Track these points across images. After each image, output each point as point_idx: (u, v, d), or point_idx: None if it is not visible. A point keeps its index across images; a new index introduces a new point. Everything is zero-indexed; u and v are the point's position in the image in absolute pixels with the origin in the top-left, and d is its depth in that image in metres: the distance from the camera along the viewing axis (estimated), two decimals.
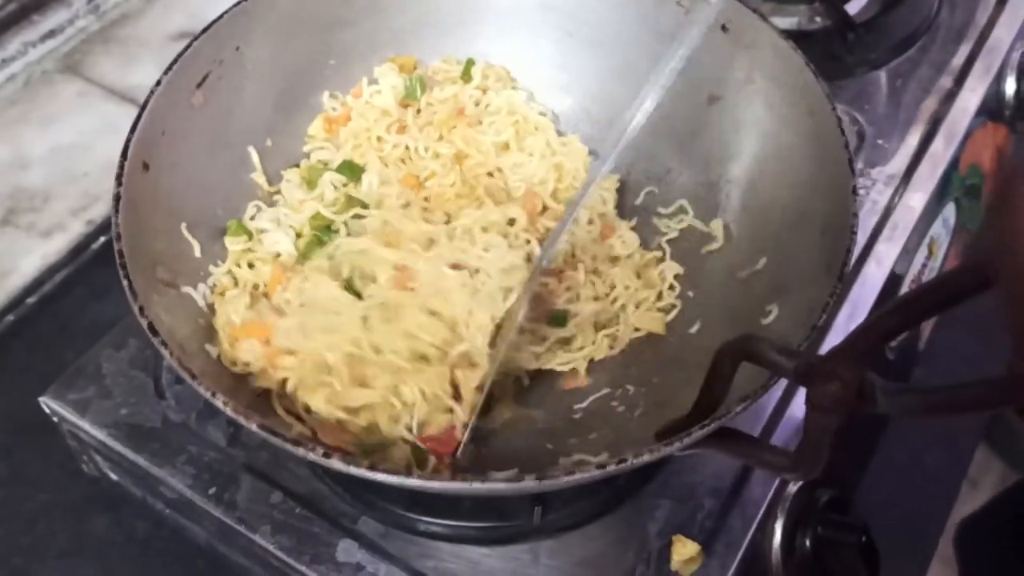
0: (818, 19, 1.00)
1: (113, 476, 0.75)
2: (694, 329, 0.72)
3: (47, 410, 0.73)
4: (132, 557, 0.74)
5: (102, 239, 0.92)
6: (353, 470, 0.51)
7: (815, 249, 0.64)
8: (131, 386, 0.73)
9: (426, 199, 0.76)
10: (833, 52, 0.97)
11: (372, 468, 0.51)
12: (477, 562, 0.66)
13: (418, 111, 0.81)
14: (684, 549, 0.65)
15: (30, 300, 0.88)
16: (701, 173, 0.77)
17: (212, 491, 0.68)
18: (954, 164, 0.92)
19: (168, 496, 0.70)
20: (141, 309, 0.58)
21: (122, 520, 0.76)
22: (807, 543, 0.69)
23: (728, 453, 0.53)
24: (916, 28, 1.02)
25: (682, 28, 0.67)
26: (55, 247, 0.90)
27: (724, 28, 0.71)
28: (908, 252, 0.85)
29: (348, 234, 0.73)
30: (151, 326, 0.57)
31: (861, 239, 0.83)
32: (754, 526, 0.67)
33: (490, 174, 0.78)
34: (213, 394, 0.55)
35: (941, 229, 0.93)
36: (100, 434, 0.71)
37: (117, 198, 0.63)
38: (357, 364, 0.65)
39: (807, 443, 0.44)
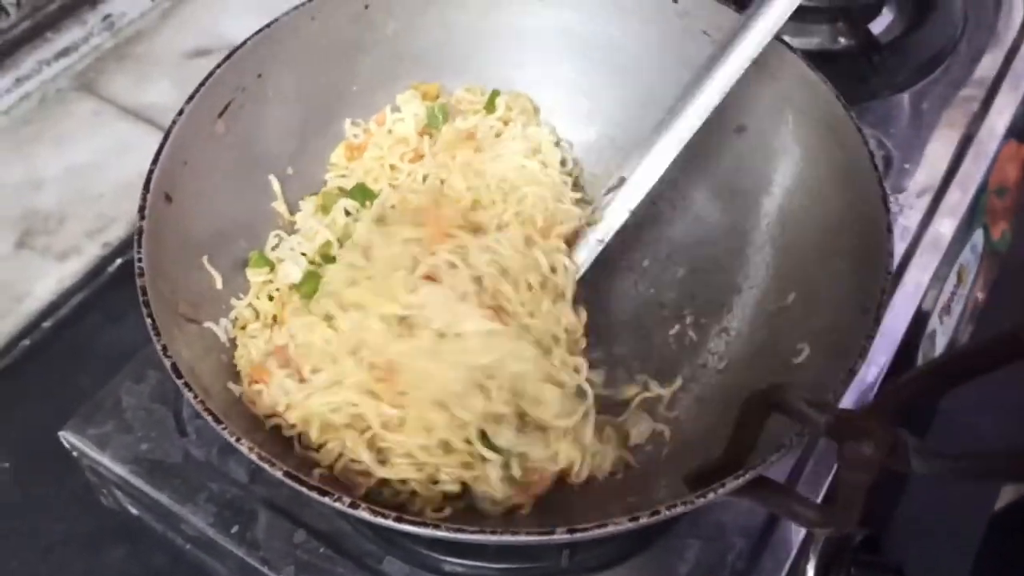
0: (841, 39, 0.99)
1: (133, 510, 0.74)
2: (721, 365, 0.71)
3: (67, 445, 0.72)
4: None
5: (118, 261, 0.91)
6: (381, 521, 0.51)
7: (847, 287, 0.62)
8: (151, 420, 0.72)
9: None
10: (858, 74, 0.96)
11: (400, 520, 0.51)
12: None
13: (435, 140, 0.80)
14: None
15: (45, 324, 0.87)
16: (728, 204, 0.76)
17: (234, 529, 0.67)
18: (983, 188, 0.91)
19: (189, 533, 0.69)
20: (164, 348, 0.57)
21: (139, 553, 0.75)
22: None
23: (758, 502, 0.52)
24: (941, 48, 1.00)
25: (714, 65, 0.66)
26: (71, 270, 0.89)
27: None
28: (938, 280, 0.84)
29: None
30: (175, 367, 0.56)
31: None
32: (786, 568, 0.66)
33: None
34: (238, 439, 0.54)
35: (970, 255, 0.92)
36: (121, 470, 0.69)
37: (140, 232, 0.62)
38: (362, 430, 0.62)
39: (839, 499, 0.43)
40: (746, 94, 0.72)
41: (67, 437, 0.71)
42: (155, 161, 0.65)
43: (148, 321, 0.58)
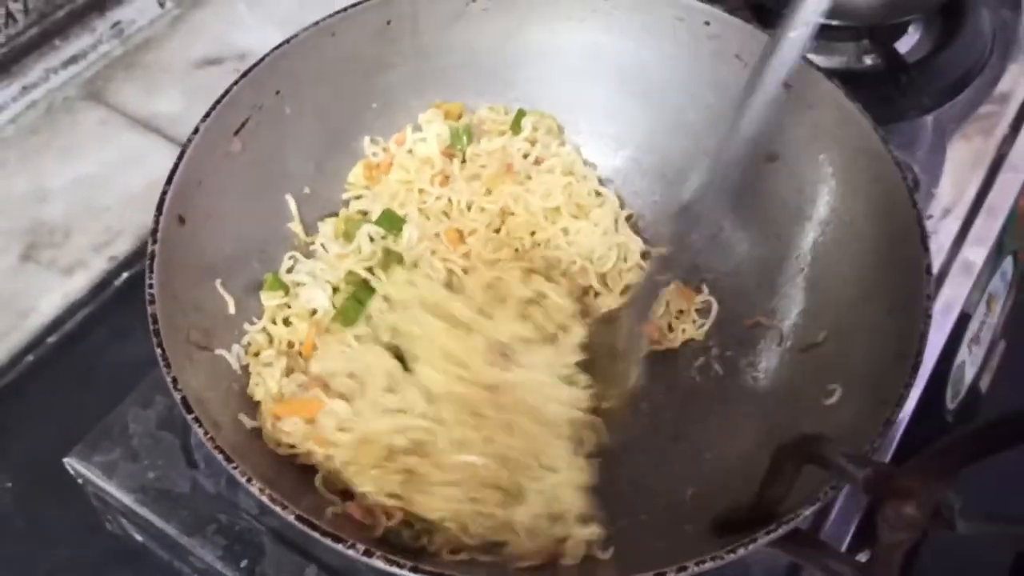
0: (867, 59, 0.97)
1: (138, 538, 0.72)
2: (748, 402, 0.69)
3: (72, 471, 0.70)
4: None
5: (125, 275, 0.89)
6: (396, 570, 0.50)
7: (882, 329, 0.60)
8: (159, 448, 0.70)
9: (465, 255, 0.73)
10: (884, 94, 0.93)
11: (416, 570, 0.49)
12: None
13: (463, 161, 0.78)
14: None
15: (50, 340, 0.85)
16: (758, 234, 0.74)
17: (244, 564, 0.65)
18: (1013, 213, 0.88)
19: (197, 566, 0.67)
20: (175, 381, 0.56)
21: None
22: None
23: (790, 555, 0.50)
24: (969, 69, 0.98)
25: (749, 94, 0.64)
26: (76, 285, 0.87)
27: (786, 85, 0.68)
28: (968, 309, 0.82)
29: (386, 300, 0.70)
30: (184, 401, 0.55)
31: None
32: None
33: (533, 233, 0.75)
34: (249, 479, 0.53)
35: (1000, 284, 0.90)
36: (127, 499, 0.68)
37: (152, 256, 0.60)
38: (422, 454, 0.61)
39: (879, 559, 0.41)
40: (779, 122, 0.70)
41: (72, 464, 0.69)
42: (169, 181, 0.64)
43: (159, 351, 0.57)
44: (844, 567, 0.47)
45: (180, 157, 0.65)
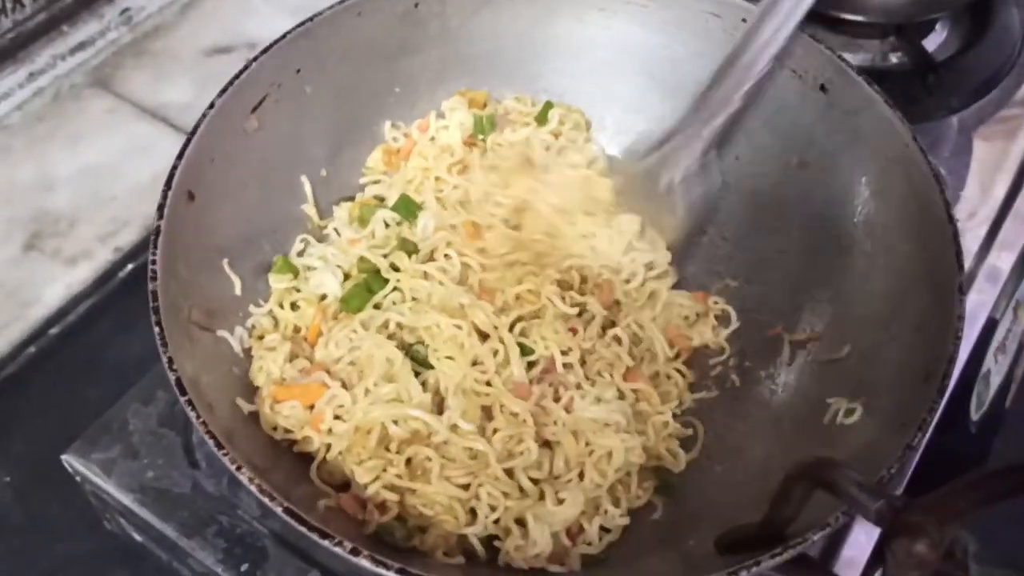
0: (892, 56, 0.94)
1: (137, 537, 0.70)
2: (764, 415, 0.66)
3: (69, 469, 0.68)
4: None
5: (130, 267, 0.88)
6: (383, 571, 0.49)
7: (908, 347, 0.58)
8: (159, 446, 0.68)
9: (481, 251, 0.71)
10: (910, 94, 0.91)
11: (403, 572, 0.48)
12: None
13: (483, 152, 0.76)
14: None
15: (53, 331, 0.84)
16: (784, 241, 0.71)
17: (244, 568, 0.63)
18: None
19: (196, 568, 0.65)
20: (171, 361, 0.54)
21: None
22: None
23: None
24: (998, 69, 0.95)
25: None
26: (80, 275, 0.86)
27: (823, 88, 0.65)
28: (995, 316, 0.79)
29: (397, 290, 0.68)
30: (179, 381, 0.54)
31: None
32: None
33: (552, 236, 0.72)
34: (239, 467, 0.52)
35: None
36: (125, 499, 0.66)
37: (157, 232, 0.59)
38: (420, 444, 0.60)
39: None
40: (813, 127, 0.68)
41: (70, 461, 0.68)
42: (180, 156, 0.62)
43: (156, 329, 0.55)
44: None
45: (193, 132, 0.63)
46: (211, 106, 0.64)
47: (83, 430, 0.70)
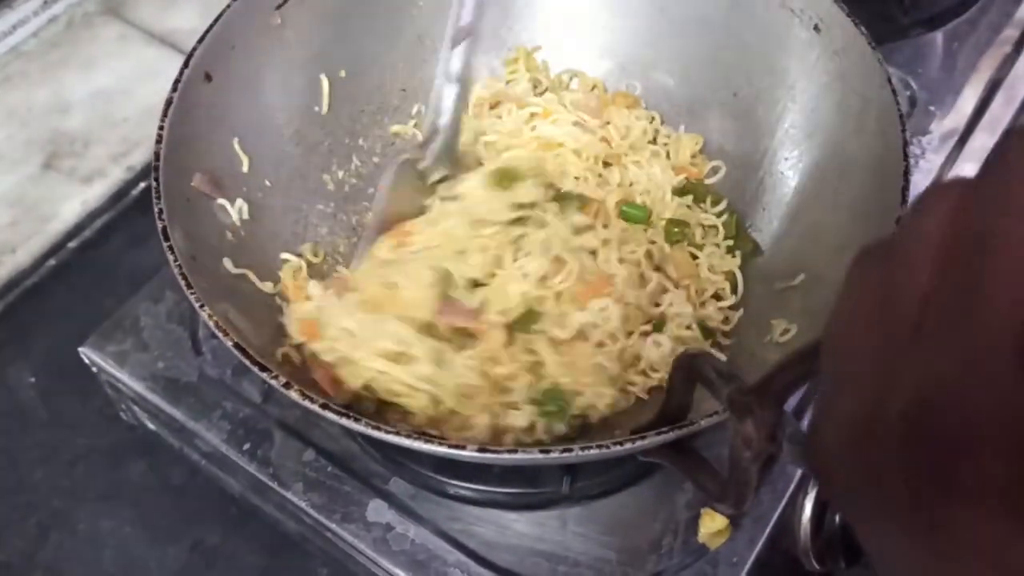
0: None
1: (151, 425, 0.76)
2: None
3: (86, 360, 0.74)
4: (167, 503, 0.76)
5: (142, 185, 0.92)
6: (308, 404, 0.51)
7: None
8: (168, 340, 0.73)
9: None
10: (886, 12, 0.93)
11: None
12: (505, 527, 0.66)
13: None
14: (712, 522, 0.65)
15: (71, 245, 0.89)
16: (751, 148, 0.75)
17: (246, 447, 0.69)
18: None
19: (203, 448, 0.71)
20: (160, 212, 0.57)
21: (158, 466, 0.77)
22: (836, 519, 0.69)
23: (676, 468, 0.49)
24: None
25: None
26: (95, 193, 0.91)
27: (816, 28, 0.68)
28: None
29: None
30: (164, 231, 0.56)
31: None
32: (784, 501, 0.66)
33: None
34: (202, 305, 0.54)
35: None
36: (138, 386, 0.71)
37: (169, 103, 0.61)
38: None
39: (731, 477, 0.39)
40: (801, 61, 0.70)
41: (87, 353, 0.73)
42: (201, 40, 0.65)
43: (154, 184, 0.58)
44: (711, 484, 0.45)
45: (216, 19, 0.66)
46: None
47: None
